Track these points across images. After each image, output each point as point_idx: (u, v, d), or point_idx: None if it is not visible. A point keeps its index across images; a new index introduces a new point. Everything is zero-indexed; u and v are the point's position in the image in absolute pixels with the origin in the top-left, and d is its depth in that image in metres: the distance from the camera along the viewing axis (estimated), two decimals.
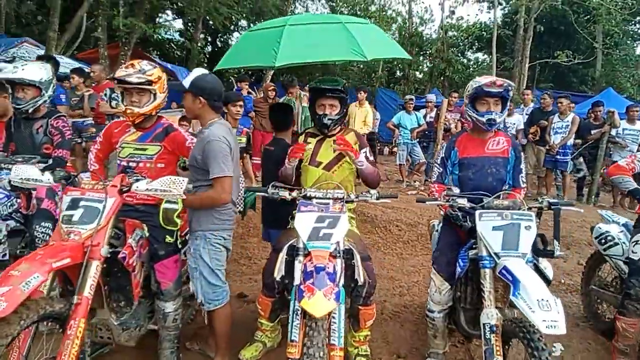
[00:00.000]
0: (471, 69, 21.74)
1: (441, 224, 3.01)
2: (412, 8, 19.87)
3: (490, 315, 2.23)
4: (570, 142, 6.91)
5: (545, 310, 1.90)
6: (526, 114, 7.81)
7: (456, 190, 2.77)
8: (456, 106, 8.06)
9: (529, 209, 2.48)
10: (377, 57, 3.50)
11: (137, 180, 2.32)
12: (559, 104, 6.92)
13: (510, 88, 2.67)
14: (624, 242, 3.16)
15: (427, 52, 20.92)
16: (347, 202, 2.55)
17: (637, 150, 6.61)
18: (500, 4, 21.67)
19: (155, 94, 2.62)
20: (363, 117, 7.45)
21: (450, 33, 22.94)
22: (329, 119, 2.79)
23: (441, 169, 2.91)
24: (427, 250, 5.29)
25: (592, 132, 7.00)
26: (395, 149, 9.56)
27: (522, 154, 2.87)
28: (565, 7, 16.23)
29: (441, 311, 2.77)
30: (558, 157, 6.89)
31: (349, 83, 22.23)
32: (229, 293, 2.68)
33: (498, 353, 2.16)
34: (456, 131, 7.73)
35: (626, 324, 2.89)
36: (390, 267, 4.86)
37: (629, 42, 18.67)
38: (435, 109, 8.16)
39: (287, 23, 3.21)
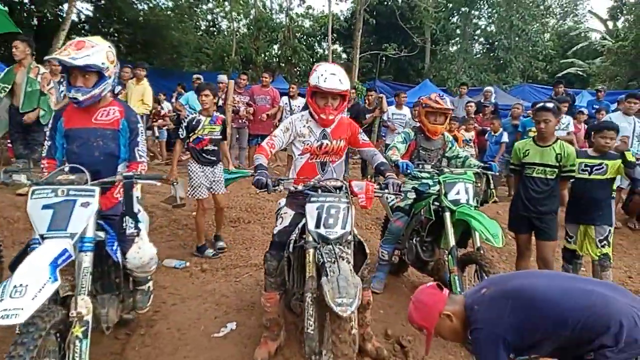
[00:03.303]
0: (316, 58, 22.26)
1: None
2: None
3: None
4: None
5: (14, 298, 1.66)
6: None
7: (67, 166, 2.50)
8: (245, 89, 7.96)
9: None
10: None
11: None
12: None
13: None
14: None
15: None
16: None
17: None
18: None
19: None
20: (140, 95, 6.93)
21: (307, 23, 23.45)
22: None
23: (50, 142, 2.58)
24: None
25: (367, 116, 7.41)
26: None
27: (138, 126, 2.66)
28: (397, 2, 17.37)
29: None
30: None
31: (202, 67, 21.38)
32: None
33: None
34: (245, 115, 7.63)
35: (265, 298, 2.89)
36: None
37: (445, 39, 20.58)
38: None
39: None
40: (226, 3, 21.77)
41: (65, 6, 18.77)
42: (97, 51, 2.34)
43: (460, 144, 7.35)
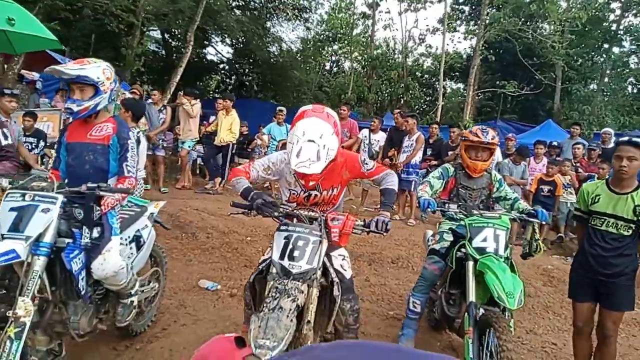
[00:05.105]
0: (435, 96, 21.71)
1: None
2: (374, 33, 20.18)
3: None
4: (415, 160, 6.72)
5: None
6: None
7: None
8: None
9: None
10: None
11: None
12: (405, 124, 6.78)
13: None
14: None
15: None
16: None
17: None
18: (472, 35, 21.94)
19: None
20: (229, 125, 7.41)
21: (429, 61, 23.24)
22: None
23: (56, 154, 2.82)
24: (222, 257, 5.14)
25: (449, 153, 6.83)
26: None
27: (128, 142, 2.72)
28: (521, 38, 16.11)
29: None
30: (402, 176, 6.61)
31: (323, 103, 22.38)
32: None
33: None
34: None
35: (242, 332, 2.69)
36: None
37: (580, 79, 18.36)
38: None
39: None
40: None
41: (208, 49, 21.68)
42: (93, 67, 2.51)
43: (559, 190, 6.37)
